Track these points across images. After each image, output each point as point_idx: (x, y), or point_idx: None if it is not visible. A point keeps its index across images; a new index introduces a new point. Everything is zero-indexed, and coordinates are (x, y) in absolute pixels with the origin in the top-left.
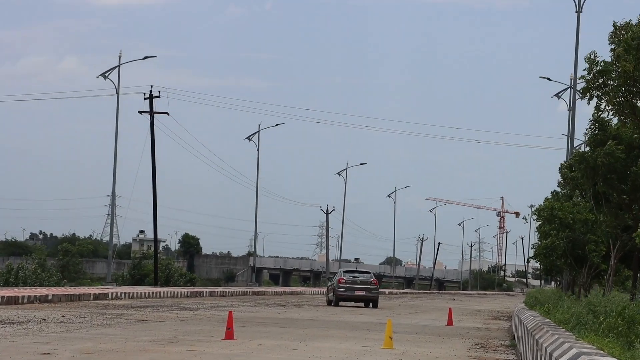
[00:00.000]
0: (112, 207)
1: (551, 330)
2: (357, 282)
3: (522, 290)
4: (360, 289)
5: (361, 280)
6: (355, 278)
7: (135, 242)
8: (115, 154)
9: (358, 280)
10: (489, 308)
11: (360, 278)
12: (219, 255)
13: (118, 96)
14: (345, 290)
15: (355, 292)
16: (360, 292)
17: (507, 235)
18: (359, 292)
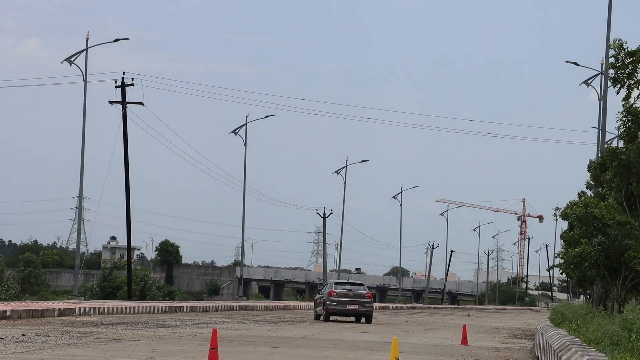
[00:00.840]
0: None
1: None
2: (350, 295)
3: (546, 304)
4: (353, 302)
5: (354, 293)
6: (348, 291)
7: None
8: (82, 150)
9: (351, 293)
10: (508, 325)
11: (353, 290)
12: (202, 265)
13: (85, 84)
14: (337, 304)
15: (348, 306)
16: (353, 306)
17: (529, 242)
18: (352, 305)
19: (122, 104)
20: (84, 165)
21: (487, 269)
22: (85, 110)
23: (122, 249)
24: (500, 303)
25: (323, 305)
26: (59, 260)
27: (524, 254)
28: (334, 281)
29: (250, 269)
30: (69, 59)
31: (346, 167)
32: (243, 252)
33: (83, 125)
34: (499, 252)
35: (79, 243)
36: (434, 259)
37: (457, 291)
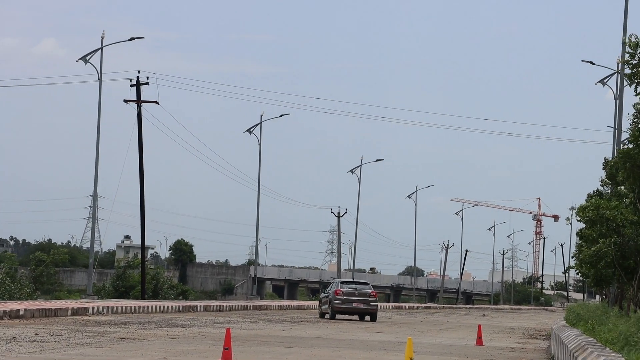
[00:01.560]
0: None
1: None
2: (355, 294)
3: (562, 305)
4: (358, 301)
5: (359, 291)
6: (353, 289)
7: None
8: (97, 149)
9: (356, 292)
10: (524, 325)
11: (358, 289)
12: (215, 265)
13: (100, 83)
14: (343, 303)
15: (354, 305)
16: (358, 305)
17: (544, 242)
18: (357, 304)
19: (137, 103)
20: (98, 164)
21: (502, 268)
22: (100, 109)
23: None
24: (515, 303)
25: (329, 304)
26: (69, 258)
27: (539, 254)
28: (340, 280)
29: (264, 269)
30: (84, 57)
31: (361, 166)
32: (257, 252)
33: (98, 123)
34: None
35: (93, 242)
36: (448, 258)
37: (472, 291)
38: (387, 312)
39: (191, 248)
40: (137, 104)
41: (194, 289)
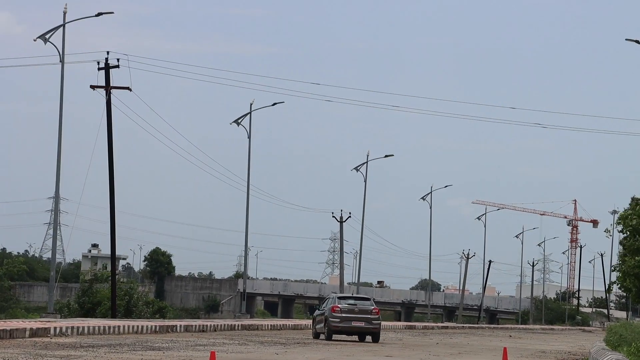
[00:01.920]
0: (55, 214)
1: None
2: (355, 311)
3: (602, 324)
4: (358, 319)
5: (360, 308)
6: (353, 306)
7: (86, 259)
8: (59, 143)
9: (356, 309)
10: (557, 348)
11: (358, 306)
12: (198, 278)
13: (63, 66)
14: (341, 321)
15: (353, 323)
16: (358, 323)
17: (581, 251)
18: (357, 322)
19: (105, 89)
20: (60, 161)
21: (532, 282)
22: (63, 97)
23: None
24: (547, 322)
25: (325, 323)
26: (27, 270)
27: (575, 265)
28: (337, 295)
29: (254, 282)
30: (43, 36)
31: (367, 163)
32: (246, 263)
33: (60, 113)
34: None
35: (55, 251)
36: (469, 270)
37: (497, 308)
38: (398, 333)
39: (169, 258)
40: (106, 91)
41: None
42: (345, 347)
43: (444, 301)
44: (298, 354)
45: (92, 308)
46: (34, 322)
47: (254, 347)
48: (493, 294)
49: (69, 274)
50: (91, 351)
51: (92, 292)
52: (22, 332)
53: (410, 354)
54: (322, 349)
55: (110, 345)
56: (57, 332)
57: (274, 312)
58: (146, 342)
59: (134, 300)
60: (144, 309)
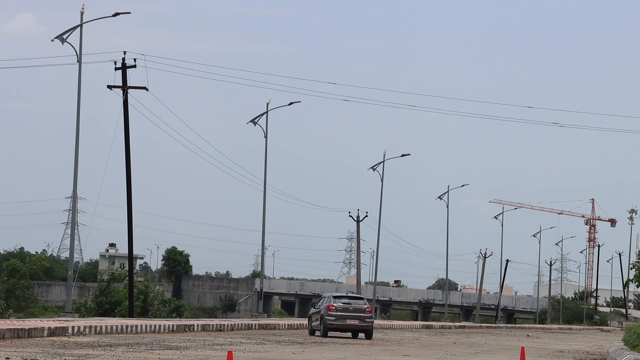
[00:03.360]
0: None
1: None
2: (350, 310)
3: (620, 324)
4: (352, 317)
5: (354, 307)
6: (347, 305)
7: (104, 259)
8: (77, 143)
9: (350, 308)
10: (575, 348)
11: (352, 305)
12: (215, 277)
13: (80, 66)
14: (336, 319)
15: (347, 321)
16: (352, 321)
17: (599, 250)
18: (352, 320)
19: (122, 89)
20: (78, 160)
21: (550, 281)
22: (80, 97)
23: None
24: (565, 322)
25: (321, 320)
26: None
27: (593, 264)
28: (332, 294)
29: (271, 282)
30: (61, 36)
31: (384, 162)
32: (263, 262)
33: (77, 113)
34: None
35: (72, 251)
36: (486, 269)
37: (514, 307)
38: (415, 332)
39: (187, 258)
40: (123, 90)
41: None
42: (362, 347)
43: (461, 300)
44: (315, 353)
45: (109, 308)
46: (52, 321)
47: (271, 347)
48: (510, 294)
49: (87, 273)
50: (109, 350)
51: (109, 291)
52: (40, 332)
53: (428, 353)
54: (340, 348)
55: (128, 345)
56: (75, 331)
57: (291, 311)
58: (163, 342)
59: (151, 299)
60: (161, 308)
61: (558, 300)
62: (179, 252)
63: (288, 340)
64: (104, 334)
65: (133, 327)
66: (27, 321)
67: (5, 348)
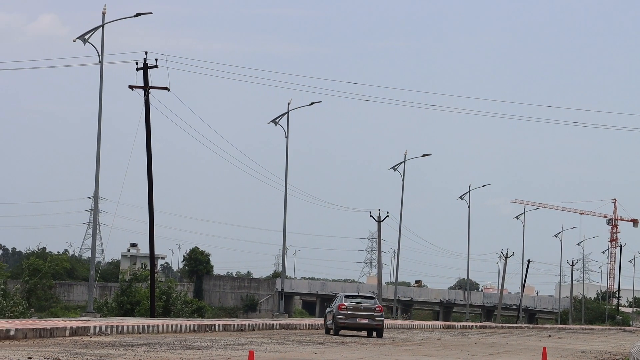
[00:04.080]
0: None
1: None
2: (360, 309)
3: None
4: (363, 316)
5: (364, 306)
6: (358, 304)
7: (125, 259)
8: (98, 143)
9: (361, 307)
10: (597, 348)
11: (363, 304)
12: (236, 277)
13: (102, 66)
14: (347, 318)
15: (358, 320)
16: (363, 320)
17: (621, 251)
18: (362, 319)
19: (144, 89)
20: (100, 161)
21: (571, 281)
22: (102, 97)
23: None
24: (587, 322)
25: (333, 319)
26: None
27: (615, 264)
28: (344, 294)
29: (292, 282)
30: (83, 36)
31: (404, 163)
32: (284, 262)
33: (99, 113)
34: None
35: (94, 251)
36: (508, 269)
37: (536, 308)
38: (436, 332)
39: (208, 258)
40: (145, 91)
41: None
42: (383, 347)
43: (483, 301)
44: (336, 353)
45: (131, 308)
46: (74, 321)
47: (292, 346)
48: (532, 294)
49: (108, 273)
50: (130, 350)
51: (131, 291)
52: (62, 331)
53: (449, 353)
54: (361, 348)
55: (149, 344)
56: (97, 331)
57: (311, 311)
58: (185, 341)
59: (173, 299)
60: (182, 308)
61: (580, 300)
62: (200, 252)
63: (309, 340)
64: (125, 334)
65: (154, 327)
66: (49, 321)
67: (27, 347)
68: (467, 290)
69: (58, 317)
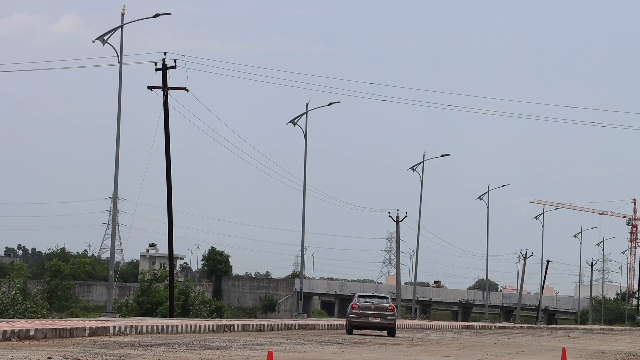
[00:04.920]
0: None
1: None
2: (372, 308)
3: None
4: (374, 315)
5: (376, 305)
6: (370, 303)
7: (144, 259)
8: (117, 144)
9: (372, 306)
10: (616, 349)
11: (375, 303)
12: (255, 277)
13: (121, 67)
14: (359, 317)
15: (370, 319)
16: (374, 319)
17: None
18: (373, 318)
19: (162, 90)
20: (119, 161)
21: (591, 282)
22: (121, 97)
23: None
24: (607, 322)
25: (347, 318)
26: (91, 271)
27: (635, 265)
28: (358, 294)
29: (311, 282)
30: (102, 37)
31: (423, 163)
32: (303, 262)
33: (118, 114)
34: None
35: (113, 251)
36: (527, 270)
37: (555, 308)
38: (455, 333)
39: (227, 258)
40: (163, 91)
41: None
42: (401, 347)
43: (502, 301)
44: (355, 353)
45: (150, 308)
46: (93, 321)
47: (311, 347)
48: (551, 294)
49: (128, 273)
50: (150, 350)
51: (150, 291)
52: (81, 331)
53: (468, 353)
54: (379, 348)
55: (169, 344)
56: (116, 331)
57: (330, 311)
58: (204, 341)
59: (192, 299)
60: (201, 308)
61: (599, 300)
62: (219, 252)
63: (328, 340)
64: (144, 334)
65: (173, 327)
66: (69, 321)
67: (47, 347)
68: (486, 290)
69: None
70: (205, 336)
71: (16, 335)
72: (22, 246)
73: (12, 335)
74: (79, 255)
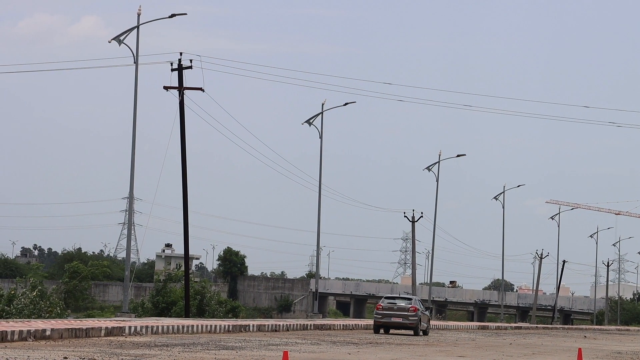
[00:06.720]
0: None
1: None
2: (394, 309)
3: None
4: (397, 315)
5: (398, 306)
6: (392, 304)
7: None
8: (133, 144)
9: (395, 307)
10: (633, 349)
11: (397, 304)
12: (270, 278)
13: (137, 67)
14: (382, 317)
15: (392, 319)
16: (397, 319)
17: None
18: (396, 318)
19: (178, 90)
20: (134, 162)
21: (607, 282)
22: (137, 98)
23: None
24: (623, 323)
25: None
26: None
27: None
28: (384, 296)
29: (326, 282)
30: (118, 37)
31: (439, 163)
32: (318, 263)
33: (134, 114)
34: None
35: (129, 251)
36: (543, 270)
37: (571, 309)
38: (471, 333)
39: (242, 258)
40: (179, 92)
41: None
42: (417, 348)
43: (517, 301)
44: (370, 354)
45: (166, 307)
46: (109, 321)
47: (326, 347)
48: (567, 295)
49: (143, 273)
50: (165, 350)
51: (166, 291)
52: (97, 331)
53: (483, 354)
54: (395, 348)
55: (184, 345)
56: (132, 331)
57: (346, 312)
58: (219, 342)
59: (207, 299)
60: (217, 308)
61: (616, 301)
62: (234, 252)
63: (343, 340)
64: (160, 334)
65: (189, 327)
66: (85, 321)
67: (63, 347)
68: (502, 290)
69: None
70: (221, 336)
71: (32, 335)
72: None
73: (28, 335)
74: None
